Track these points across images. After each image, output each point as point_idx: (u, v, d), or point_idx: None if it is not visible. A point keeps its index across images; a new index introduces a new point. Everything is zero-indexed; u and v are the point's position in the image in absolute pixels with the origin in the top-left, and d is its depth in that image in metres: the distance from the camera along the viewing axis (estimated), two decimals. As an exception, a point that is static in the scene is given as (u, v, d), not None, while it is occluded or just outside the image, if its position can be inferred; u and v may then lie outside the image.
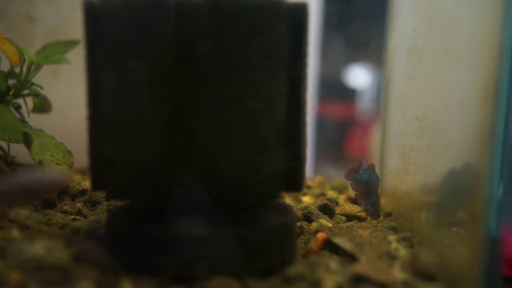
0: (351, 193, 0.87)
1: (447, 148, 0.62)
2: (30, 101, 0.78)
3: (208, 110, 0.50)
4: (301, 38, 0.56)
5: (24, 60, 0.75)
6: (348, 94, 1.75)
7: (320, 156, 1.39)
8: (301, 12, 0.55)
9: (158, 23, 0.50)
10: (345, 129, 1.76)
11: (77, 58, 0.68)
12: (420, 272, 0.54)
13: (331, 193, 0.90)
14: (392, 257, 0.57)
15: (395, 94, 0.82)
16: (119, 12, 0.51)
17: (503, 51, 0.49)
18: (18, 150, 0.78)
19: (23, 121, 0.76)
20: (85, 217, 0.68)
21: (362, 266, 0.54)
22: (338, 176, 1.03)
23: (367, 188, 0.70)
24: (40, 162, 0.71)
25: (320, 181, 0.98)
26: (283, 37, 0.53)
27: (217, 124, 0.51)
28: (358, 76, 1.74)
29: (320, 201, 0.78)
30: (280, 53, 0.53)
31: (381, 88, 0.93)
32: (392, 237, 0.62)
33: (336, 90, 1.71)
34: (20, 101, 0.77)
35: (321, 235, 0.61)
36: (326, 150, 1.54)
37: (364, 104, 1.77)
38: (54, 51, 0.78)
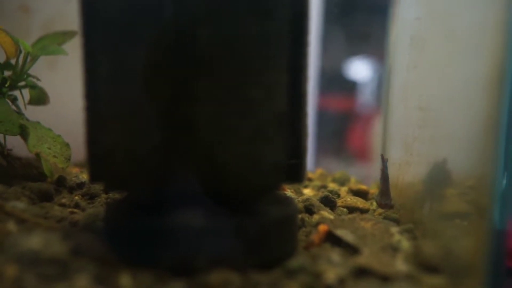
0: (353, 185, 0.87)
1: (451, 138, 0.61)
2: (26, 92, 0.77)
3: (207, 99, 0.49)
4: (301, 27, 0.55)
5: (20, 51, 0.74)
6: (350, 87, 1.74)
7: (321, 149, 1.38)
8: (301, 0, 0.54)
9: (156, 10, 0.49)
10: (346, 122, 1.75)
11: (74, 49, 0.67)
12: (423, 264, 0.53)
13: (332, 185, 0.89)
14: (394, 249, 0.57)
15: (397, 84, 0.81)
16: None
17: (508, 38, 0.48)
18: (15, 143, 0.77)
19: (19, 113, 0.75)
20: (83, 210, 0.67)
21: (365, 259, 0.53)
22: (339, 169, 1.02)
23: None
24: (37, 155, 0.70)
25: (321, 174, 0.97)
26: (283, 25, 0.52)
27: (217, 113, 0.50)
28: (360, 69, 1.73)
29: (321, 193, 0.77)
30: (280, 41, 0.52)
31: (383, 79, 0.92)
32: (394, 229, 0.61)
33: (337, 83, 1.70)
34: (16, 93, 0.76)
35: (322, 227, 0.60)
36: (328, 143, 1.53)
37: (366, 96, 1.76)
38: (51, 42, 0.77)
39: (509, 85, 0.49)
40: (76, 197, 0.71)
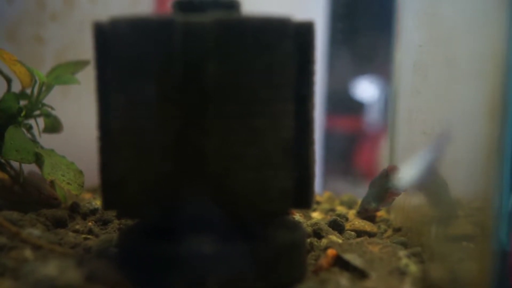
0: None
1: (456, 162, 0.62)
2: (41, 121, 0.79)
3: (215, 129, 0.51)
4: (307, 56, 0.56)
5: (35, 81, 0.76)
6: (356, 108, 1.75)
7: (328, 171, 1.39)
8: (307, 30, 0.56)
9: (166, 44, 0.51)
10: (353, 143, 1.76)
11: (86, 78, 0.69)
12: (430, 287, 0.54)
13: (340, 209, 0.90)
14: (402, 273, 0.57)
15: (402, 108, 0.83)
16: (128, 33, 0.52)
17: (508, 63, 0.49)
18: (30, 170, 0.79)
19: (34, 141, 0.77)
20: (96, 236, 0.68)
21: (373, 283, 0.54)
22: (347, 189, 1.03)
23: None
24: (52, 182, 0.72)
25: (329, 197, 0.98)
26: (289, 55, 0.54)
27: (225, 142, 0.51)
28: (365, 90, 1.75)
29: (329, 217, 0.78)
30: (286, 71, 0.54)
31: (388, 102, 0.93)
32: (402, 253, 0.61)
33: (343, 104, 1.71)
34: (31, 121, 0.78)
35: (331, 252, 0.61)
36: (335, 165, 1.54)
37: (372, 117, 1.77)
38: (64, 72, 0.79)
39: (511, 106, 0.50)
40: (90, 223, 0.72)
